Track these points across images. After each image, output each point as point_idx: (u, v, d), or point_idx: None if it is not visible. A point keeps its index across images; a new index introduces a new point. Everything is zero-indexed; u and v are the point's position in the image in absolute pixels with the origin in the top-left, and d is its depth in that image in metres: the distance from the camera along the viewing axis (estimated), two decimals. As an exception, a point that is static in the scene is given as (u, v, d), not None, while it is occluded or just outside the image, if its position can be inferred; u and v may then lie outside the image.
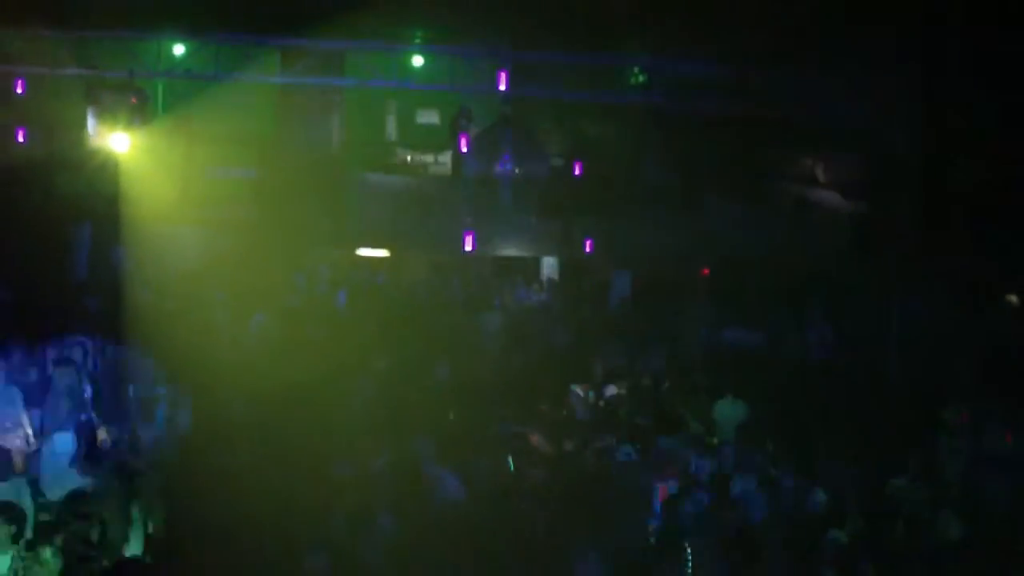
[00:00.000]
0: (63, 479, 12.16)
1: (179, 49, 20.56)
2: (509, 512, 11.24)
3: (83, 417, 13.33)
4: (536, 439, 13.79)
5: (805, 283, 19.37)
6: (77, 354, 14.64)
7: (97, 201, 18.90)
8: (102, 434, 13.46)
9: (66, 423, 13.16)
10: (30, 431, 13.49)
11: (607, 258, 21.81)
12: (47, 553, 9.70)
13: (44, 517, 11.16)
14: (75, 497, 10.84)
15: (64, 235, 20.07)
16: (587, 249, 21.07)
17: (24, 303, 17.65)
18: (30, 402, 13.70)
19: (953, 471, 13.81)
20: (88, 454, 12.63)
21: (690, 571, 10.27)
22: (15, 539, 9.93)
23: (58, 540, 9.85)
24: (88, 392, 13.94)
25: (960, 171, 15.92)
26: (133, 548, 11.07)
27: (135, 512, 11.38)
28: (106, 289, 18.85)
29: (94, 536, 10.22)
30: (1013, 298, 19.55)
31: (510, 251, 22.91)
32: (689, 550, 10.44)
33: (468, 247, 20.35)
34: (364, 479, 11.75)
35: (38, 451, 13.18)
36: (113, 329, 16.19)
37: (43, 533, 10.08)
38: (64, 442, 12.97)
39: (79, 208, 19.57)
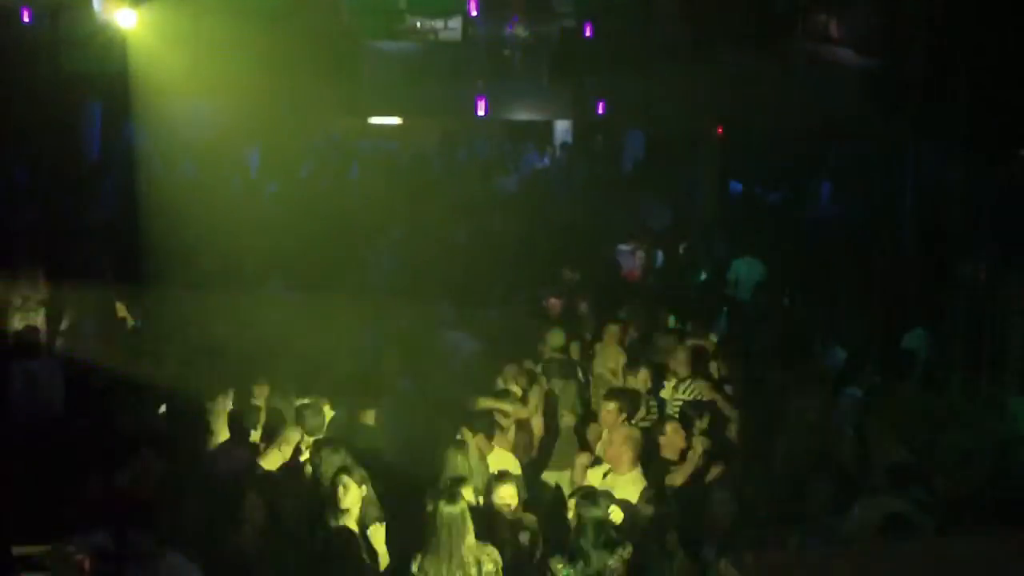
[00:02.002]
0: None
1: (182, -78, 20.32)
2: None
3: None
4: (553, 303, 13.87)
5: (819, 139, 19.27)
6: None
7: (106, 79, 18.77)
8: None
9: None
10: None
11: (620, 119, 21.66)
12: None
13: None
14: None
15: (75, 114, 20.03)
16: (599, 111, 20.91)
17: (40, 184, 17.70)
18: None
19: (970, 326, 13.80)
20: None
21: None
22: None
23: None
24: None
25: (970, 25, 15.65)
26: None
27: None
28: (120, 167, 18.87)
29: None
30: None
31: (522, 115, 22.76)
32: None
33: (480, 112, 20.21)
34: (381, 344, 11.87)
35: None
36: (129, 206, 16.30)
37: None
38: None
39: (88, 87, 19.49)
